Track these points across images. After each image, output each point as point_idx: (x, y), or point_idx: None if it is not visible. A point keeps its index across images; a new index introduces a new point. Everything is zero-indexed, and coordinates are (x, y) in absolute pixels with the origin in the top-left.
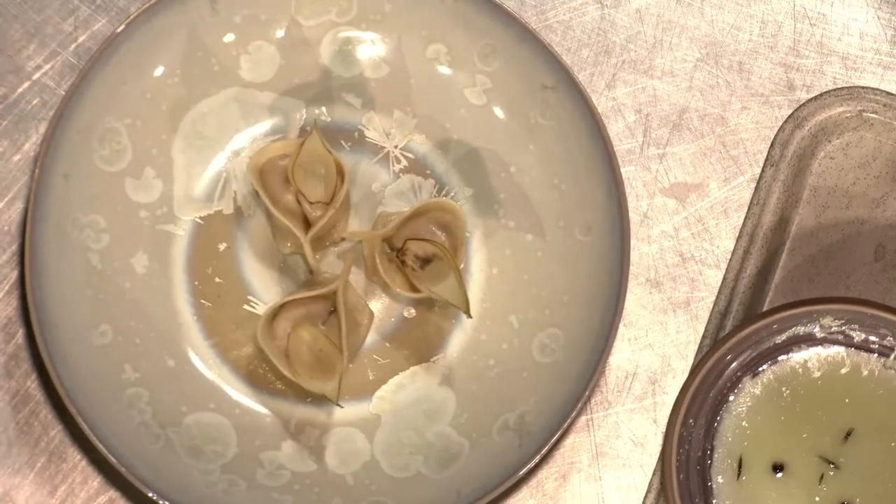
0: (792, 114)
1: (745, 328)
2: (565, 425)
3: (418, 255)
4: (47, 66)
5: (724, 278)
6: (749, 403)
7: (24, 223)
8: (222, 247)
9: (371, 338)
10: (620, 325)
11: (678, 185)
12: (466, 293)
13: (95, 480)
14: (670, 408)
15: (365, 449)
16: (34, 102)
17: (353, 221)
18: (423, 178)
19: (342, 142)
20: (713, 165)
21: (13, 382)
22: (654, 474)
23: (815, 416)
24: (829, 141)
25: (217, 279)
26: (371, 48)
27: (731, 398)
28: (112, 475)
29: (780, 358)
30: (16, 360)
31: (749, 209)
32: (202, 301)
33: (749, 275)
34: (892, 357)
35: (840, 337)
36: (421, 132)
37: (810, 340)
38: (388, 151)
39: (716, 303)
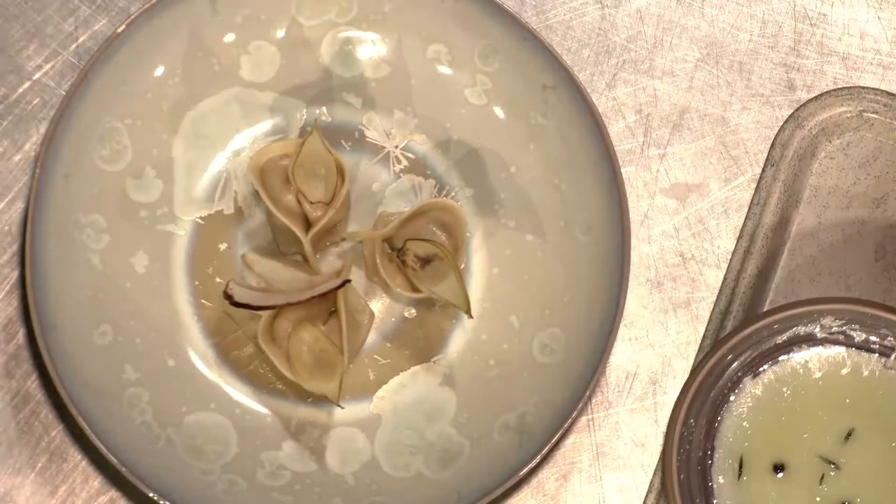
0: (792, 114)
1: (745, 328)
2: (566, 425)
3: (419, 255)
4: (48, 66)
5: (725, 278)
6: (750, 403)
7: (24, 223)
8: (223, 247)
9: (372, 338)
10: (621, 325)
11: (678, 185)
12: (467, 293)
13: (96, 480)
14: (671, 408)
15: (365, 449)
16: (35, 102)
17: (353, 221)
18: (424, 178)
19: (342, 142)
20: (713, 165)
21: (14, 382)
22: (654, 474)
23: (816, 417)
24: (830, 141)
25: (217, 279)
26: (371, 48)
27: (732, 398)
28: (113, 475)
29: (780, 358)
30: (16, 360)
31: (749, 209)
32: (203, 301)
33: (749, 275)
34: (892, 357)
35: (841, 337)
36: (421, 132)
37: (811, 340)
38: (389, 151)
39: (716, 303)
